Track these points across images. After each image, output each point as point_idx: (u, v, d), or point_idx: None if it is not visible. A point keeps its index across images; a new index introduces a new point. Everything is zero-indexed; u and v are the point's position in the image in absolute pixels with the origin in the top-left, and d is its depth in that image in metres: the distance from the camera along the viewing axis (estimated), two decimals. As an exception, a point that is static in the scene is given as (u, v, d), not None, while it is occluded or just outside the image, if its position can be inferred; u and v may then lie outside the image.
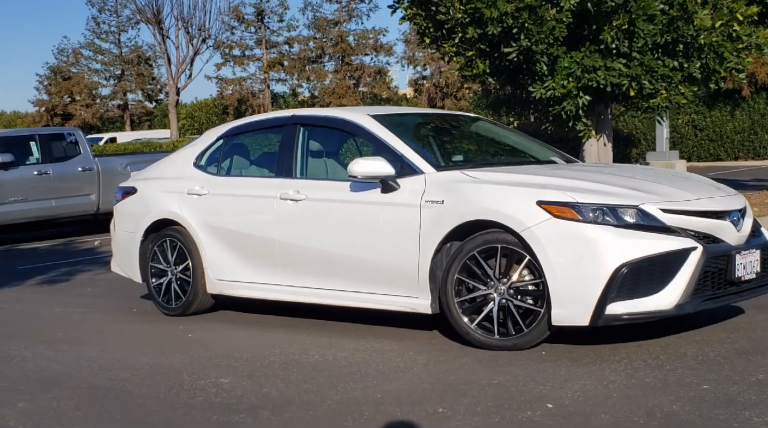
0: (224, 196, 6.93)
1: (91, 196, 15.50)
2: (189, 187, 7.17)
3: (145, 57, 53.42)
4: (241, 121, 7.37)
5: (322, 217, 6.23)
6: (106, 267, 11.60)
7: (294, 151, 6.62)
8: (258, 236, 6.64)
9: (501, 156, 6.65)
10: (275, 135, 7.02)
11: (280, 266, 6.53)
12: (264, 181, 6.74)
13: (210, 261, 6.98)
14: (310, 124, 6.75)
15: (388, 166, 5.81)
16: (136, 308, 7.87)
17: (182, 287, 7.21)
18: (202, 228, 7.01)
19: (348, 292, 6.11)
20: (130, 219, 7.62)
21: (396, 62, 48.25)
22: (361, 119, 6.33)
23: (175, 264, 7.24)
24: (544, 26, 8.86)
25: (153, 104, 55.03)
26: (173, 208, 7.22)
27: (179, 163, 7.49)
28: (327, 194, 6.24)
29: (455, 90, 42.63)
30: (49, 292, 9.30)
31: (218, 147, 7.31)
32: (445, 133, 6.87)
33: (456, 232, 5.50)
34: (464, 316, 5.44)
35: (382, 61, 46.60)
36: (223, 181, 7.06)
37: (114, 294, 8.81)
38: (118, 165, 15.94)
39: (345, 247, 6.08)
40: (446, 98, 43.19)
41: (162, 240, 7.31)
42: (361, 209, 5.98)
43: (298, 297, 6.48)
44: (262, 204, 6.61)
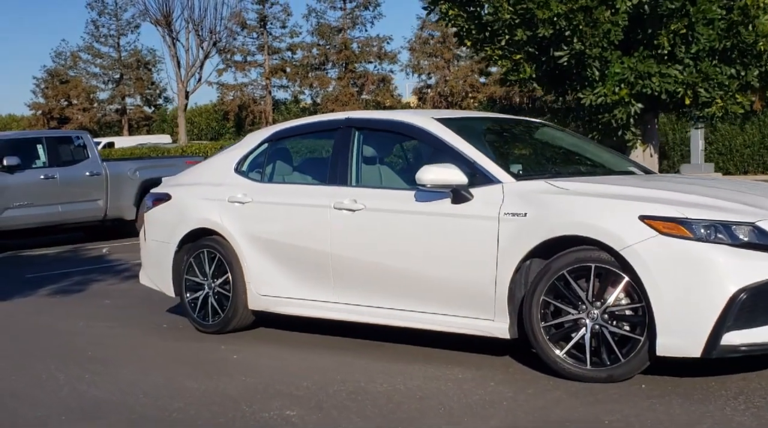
0: (270, 205, 6.40)
1: (98, 202, 15.00)
2: (230, 194, 6.64)
3: (145, 61, 52.94)
4: (288, 124, 6.84)
5: (382, 229, 5.70)
6: (119, 276, 11.12)
7: (349, 157, 6.09)
8: (308, 248, 6.11)
9: (578, 165, 6.11)
10: (326, 139, 6.50)
11: (333, 282, 6.00)
12: (315, 189, 6.22)
13: (253, 275, 6.45)
14: (366, 127, 6.22)
15: (461, 174, 5.29)
16: (167, 323, 7.33)
17: (220, 302, 6.67)
18: (244, 238, 6.48)
19: (412, 312, 5.58)
20: (163, 228, 7.08)
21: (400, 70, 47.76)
22: (427, 123, 5.81)
23: (213, 278, 6.71)
24: (598, 29, 8.36)
25: (152, 109, 54.52)
26: (212, 217, 6.69)
27: (218, 168, 6.96)
28: (388, 204, 5.71)
29: (460, 99, 42.19)
30: (65, 304, 8.76)
31: (262, 151, 6.77)
32: (515, 139, 6.33)
33: (540, 249, 4.98)
34: (551, 343, 4.91)
35: (385, 68, 46.22)
36: (268, 188, 6.53)
37: (136, 306, 8.28)
38: (126, 170, 15.45)
39: (408, 263, 5.55)
40: (451, 107, 42.70)
41: (199, 251, 6.78)
42: (428, 221, 5.46)
43: (352, 316, 5.94)
44: (313, 213, 6.09)
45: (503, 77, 9.82)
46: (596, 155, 6.28)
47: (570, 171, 5.88)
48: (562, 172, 5.73)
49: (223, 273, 6.63)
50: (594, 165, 6.10)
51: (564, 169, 5.92)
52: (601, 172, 5.93)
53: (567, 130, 6.78)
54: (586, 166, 6.06)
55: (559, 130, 6.76)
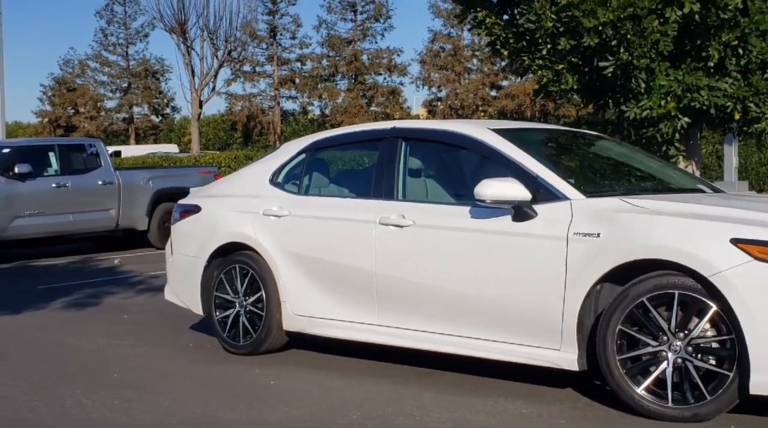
0: (308, 219, 6.00)
1: (110, 211, 14.65)
2: (265, 206, 6.24)
3: (153, 70, 52.68)
4: (328, 134, 6.44)
5: (433, 248, 5.29)
6: (134, 288, 10.72)
7: (395, 169, 5.69)
8: (350, 266, 5.70)
9: (646, 181, 5.68)
10: (369, 150, 6.11)
11: (377, 303, 5.58)
12: (358, 203, 5.81)
13: (288, 293, 6.04)
14: (414, 137, 5.82)
15: (525, 189, 4.88)
16: (192, 342, 6.92)
17: (252, 321, 6.27)
18: (280, 254, 6.08)
19: (466, 339, 5.16)
20: (191, 242, 6.68)
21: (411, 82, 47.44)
22: (483, 134, 5.40)
23: (245, 295, 6.30)
24: (647, 39, 7.97)
25: (159, 118, 54.22)
26: (245, 231, 6.29)
27: (252, 179, 6.56)
28: (440, 220, 5.29)
29: (471, 112, 41.79)
30: (81, 319, 8.36)
31: (299, 162, 6.38)
32: (575, 152, 5.91)
33: (614, 273, 4.56)
34: (628, 378, 4.48)
35: (395, 81, 45.85)
36: (307, 201, 6.13)
37: (156, 322, 7.88)
38: (139, 179, 15.10)
39: (463, 285, 5.14)
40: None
41: (230, 266, 6.38)
42: (486, 240, 5.04)
43: (397, 340, 5.52)
44: (357, 229, 5.68)
45: (541, 88, 9.40)
46: (661, 171, 5.87)
47: (641, 187, 5.46)
48: (634, 189, 5.31)
49: (256, 290, 6.23)
50: (662, 181, 5.68)
51: (634, 185, 5.50)
52: (672, 189, 5.51)
53: (624, 144, 6.38)
54: (654, 183, 5.64)
55: (616, 143, 6.35)
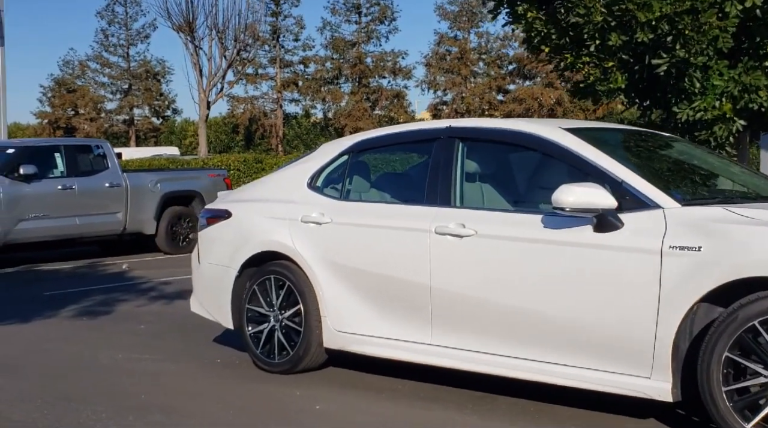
0: (353, 227, 5.47)
1: (117, 215, 14.21)
2: (304, 213, 5.72)
3: (154, 72, 52.15)
4: (373, 134, 5.90)
5: (499, 260, 4.76)
6: (146, 295, 10.18)
7: (452, 172, 5.16)
8: (401, 280, 5.17)
9: (739, 187, 5.13)
10: (421, 151, 5.58)
11: (432, 321, 5.06)
12: (410, 210, 5.28)
13: (330, 308, 5.51)
14: (473, 137, 5.28)
15: (610, 196, 4.36)
16: (220, 358, 6.38)
17: (289, 337, 5.74)
18: (320, 264, 5.56)
19: (536, 362, 4.63)
20: (221, 250, 6.15)
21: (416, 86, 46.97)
22: (557, 134, 4.87)
23: (280, 309, 5.78)
24: (706, 34, 7.43)
25: (159, 120, 53.67)
26: (281, 239, 5.76)
27: (287, 183, 6.03)
28: (507, 230, 4.76)
29: (476, 117, 41.32)
30: (93, 329, 7.83)
31: (341, 164, 5.85)
32: (658, 156, 5.36)
33: (717, 292, 4.04)
34: (735, 412, 3.95)
35: (399, 84, 45.35)
36: (350, 208, 5.60)
37: (175, 334, 7.36)
38: (147, 181, 14.65)
39: (533, 302, 4.61)
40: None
41: (264, 277, 5.85)
42: (563, 252, 4.51)
43: (455, 362, 4.98)
44: (409, 239, 5.15)
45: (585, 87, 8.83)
46: (745, 177, 5.33)
47: (737, 195, 4.93)
48: (732, 197, 4.77)
49: (293, 303, 5.71)
50: (752, 188, 5.12)
51: (730, 192, 4.96)
52: (766, 197, 4.95)
53: (699, 146, 5.86)
54: (746, 190, 5.09)
55: (694, 146, 5.81)
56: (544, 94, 39.45)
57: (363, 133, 5.99)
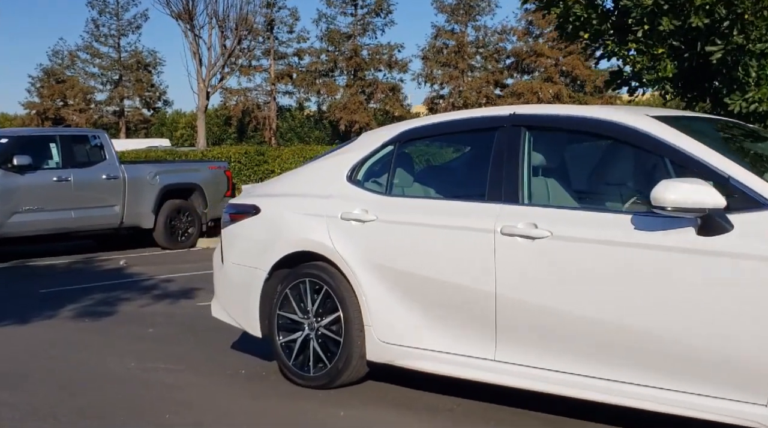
0: (402, 225, 4.87)
1: (115, 208, 13.65)
2: (344, 209, 5.12)
3: (145, 63, 51.32)
4: (422, 122, 5.29)
5: (579, 266, 4.17)
6: (148, 294, 9.55)
7: (518, 165, 4.57)
8: (460, 286, 4.58)
9: None
10: (479, 141, 4.98)
11: (497, 333, 4.47)
12: (469, 207, 4.68)
13: (375, 316, 4.92)
14: (542, 126, 4.69)
15: (718, 194, 3.78)
16: (244, 368, 5.79)
17: (326, 347, 5.15)
18: (364, 267, 4.96)
19: (621, 384, 4.05)
20: (248, 249, 5.55)
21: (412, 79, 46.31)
22: (646, 123, 4.27)
23: (317, 316, 5.19)
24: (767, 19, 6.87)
25: (150, 112, 52.84)
26: (318, 237, 5.17)
27: (324, 175, 5.43)
28: (590, 232, 4.16)
29: (475, 111, 40.72)
30: (98, 332, 7.23)
31: (385, 155, 5.25)
32: (756, 148, 4.73)
33: None
34: None
35: (395, 77, 44.68)
36: (398, 204, 5.00)
37: (189, 339, 6.79)
38: (146, 174, 14.06)
39: (621, 315, 4.03)
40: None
41: (298, 280, 5.26)
42: (659, 258, 3.92)
43: (524, 382, 4.39)
44: (470, 240, 4.56)
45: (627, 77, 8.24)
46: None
47: None
48: None
49: (331, 310, 5.12)
50: None
51: None
52: None
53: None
54: None
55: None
56: (543, 88, 38.95)
57: (409, 121, 5.38)
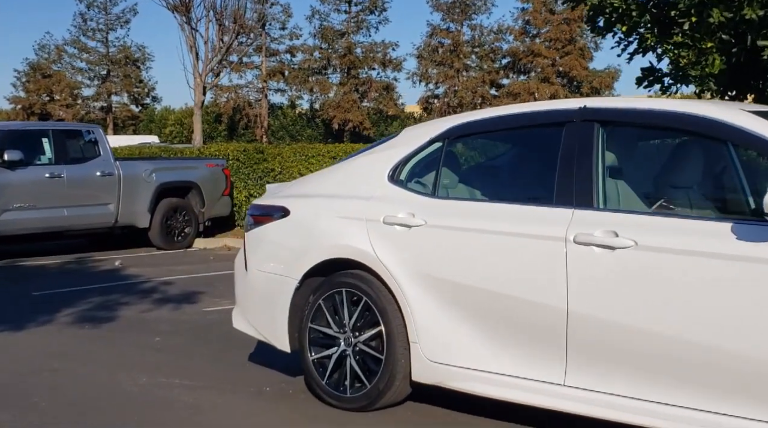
0: (455, 231, 4.35)
1: (109, 206, 13.08)
2: (387, 212, 4.60)
3: (133, 58, 50.57)
4: (475, 116, 4.76)
5: (670, 280, 3.66)
6: (149, 298, 8.98)
7: (592, 165, 4.07)
8: (525, 301, 4.07)
9: None
10: (543, 137, 4.46)
11: (568, 355, 3.96)
12: (533, 212, 4.16)
13: (423, 332, 4.40)
14: (618, 121, 4.16)
15: (843, 202, 3.28)
16: (267, 384, 5.27)
17: (365, 365, 4.63)
18: (410, 277, 4.44)
19: (723, 417, 3.55)
20: (275, 255, 5.02)
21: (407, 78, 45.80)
22: (746, 120, 3.77)
23: (354, 330, 4.67)
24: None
25: (138, 108, 52.08)
26: (357, 243, 4.64)
27: (362, 175, 4.90)
28: (681, 242, 3.65)
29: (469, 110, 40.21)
30: (100, 340, 6.71)
31: (432, 153, 4.73)
32: None
33: None
34: None
35: (389, 76, 44.10)
36: (449, 207, 4.48)
37: (201, 350, 6.29)
38: (142, 171, 13.50)
39: (724, 338, 3.52)
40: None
41: (334, 290, 4.73)
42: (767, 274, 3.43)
43: (601, 410, 3.86)
44: (537, 249, 4.05)
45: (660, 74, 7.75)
46: None
47: None
48: None
49: (371, 324, 4.60)
50: None
51: None
52: None
53: None
54: None
55: None
56: (540, 88, 38.52)
57: (460, 116, 4.85)
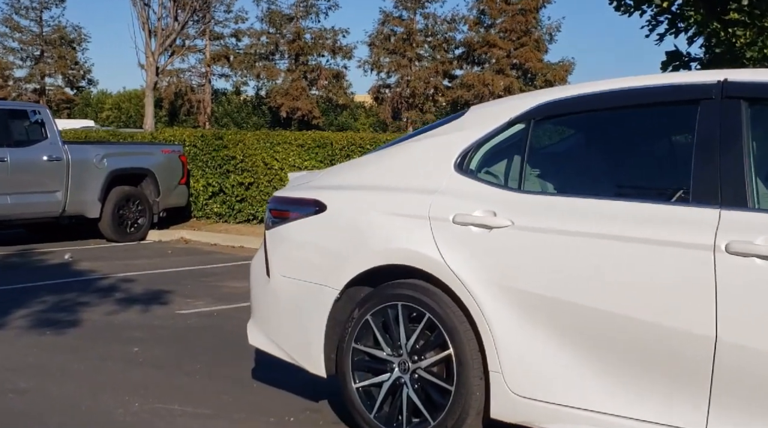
0: (556, 236, 3.45)
1: (56, 194, 12.04)
2: (458, 209, 3.69)
3: (69, 39, 48.54)
4: (569, 92, 3.81)
5: None
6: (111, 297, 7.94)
7: (741, 154, 3.22)
8: (653, 325, 3.21)
9: None
10: (669, 118, 3.60)
11: (712, 394, 3.12)
12: (663, 211, 3.29)
13: (508, 359, 3.52)
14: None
15: None
16: (290, 414, 4.36)
17: (426, 397, 3.74)
18: (490, 290, 3.55)
19: None
20: (308, 259, 4.08)
21: (358, 66, 44.70)
22: None
23: (413, 353, 3.77)
24: None
25: (74, 91, 50.04)
26: (418, 247, 3.73)
27: (421, 162, 3.97)
28: None
29: (422, 101, 39.32)
30: (71, 352, 5.75)
31: (513, 136, 3.83)
32: None
33: None
34: None
35: (339, 63, 42.96)
36: (545, 205, 3.57)
37: (191, 362, 5.42)
38: (92, 156, 12.45)
39: None
40: (411, 109, 39.80)
41: (386, 304, 3.83)
42: None
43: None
44: (671, 259, 3.18)
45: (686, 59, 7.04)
46: None
47: None
48: None
49: (436, 346, 3.72)
50: None
51: None
52: None
53: None
54: None
55: None
56: (495, 80, 37.83)
57: (547, 91, 3.93)
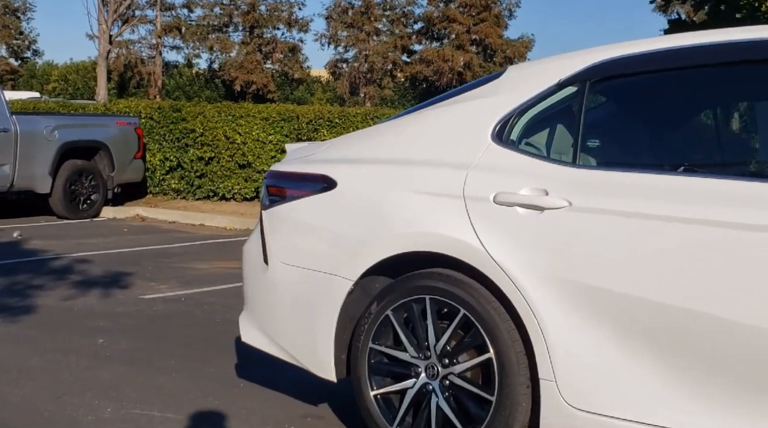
0: (628, 220, 2.87)
1: (3, 167, 11.45)
2: (500, 187, 3.12)
3: (13, 8, 46.93)
4: (630, 49, 3.19)
5: None
6: (67, 280, 7.31)
7: None
8: (754, 329, 2.68)
9: None
10: (742, 80, 3.08)
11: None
12: (756, 189, 2.77)
13: (564, 365, 2.97)
14: None
15: None
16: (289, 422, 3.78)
17: (460, 407, 3.19)
18: (542, 284, 2.99)
19: None
20: (315, 245, 3.50)
21: (315, 40, 43.80)
22: None
23: (444, 356, 3.23)
24: None
25: (18, 62, 48.39)
26: (451, 231, 3.16)
27: (452, 131, 3.39)
28: None
29: (380, 76, 38.65)
30: (27, 342, 5.19)
31: (562, 101, 3.25)
32: None
33: None
34: None
35: (295, 37, 42.00)
36: (609, 182, 2.98)
37: (164, 356, 4.87)
38: (42, 127, 11.77)
39: None
40: (369, 85, 39.11)
41: (411, 298, 3.27)
42: None
43: None
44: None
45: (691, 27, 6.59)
46: None
47: None
48: None
49: (473, 348, 3.16)
50: None
51: None
52: None
53: None
54: None
55: None
56: (454, 56, 37.30)
57: (603, 48, 3.32)
